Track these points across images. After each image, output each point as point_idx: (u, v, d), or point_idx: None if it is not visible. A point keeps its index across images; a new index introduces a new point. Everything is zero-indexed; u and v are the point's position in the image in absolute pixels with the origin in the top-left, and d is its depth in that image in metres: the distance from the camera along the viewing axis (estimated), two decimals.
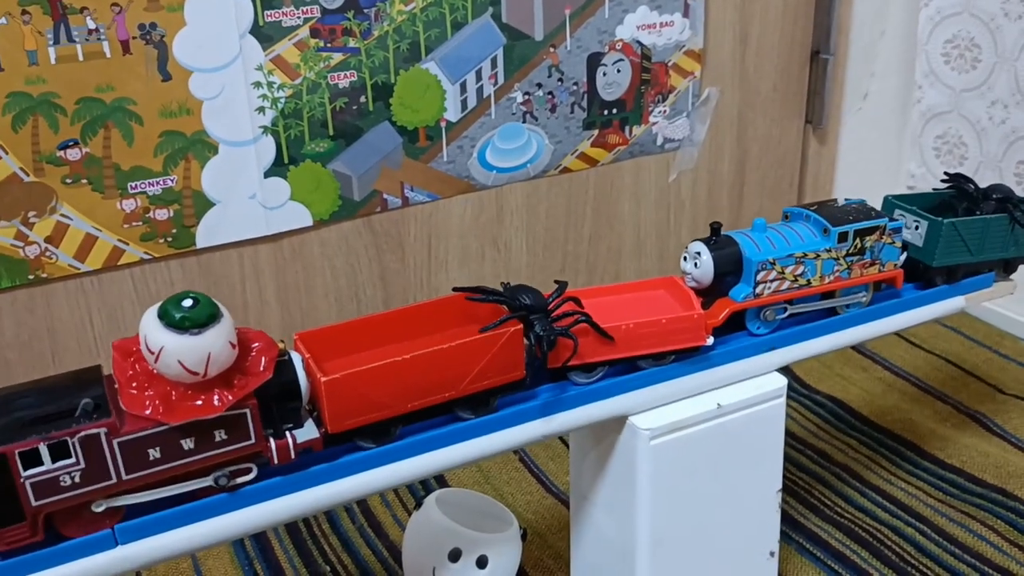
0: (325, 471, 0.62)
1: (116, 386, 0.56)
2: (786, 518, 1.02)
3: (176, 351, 0.53)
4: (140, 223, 0.97)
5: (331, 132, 1.03)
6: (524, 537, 0.89)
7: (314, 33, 0.99)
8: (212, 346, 0.54)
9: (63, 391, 0.55)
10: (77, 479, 0.54)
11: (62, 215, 0.94)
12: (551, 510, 1.05)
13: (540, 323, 0.66)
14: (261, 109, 0.99)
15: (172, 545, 0.59)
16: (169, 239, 0.99)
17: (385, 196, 1.09)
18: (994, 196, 0.88)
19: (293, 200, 1.04)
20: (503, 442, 0.68)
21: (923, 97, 1.38)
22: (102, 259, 0.97)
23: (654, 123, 1.24)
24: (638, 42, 1.18)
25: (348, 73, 1.02)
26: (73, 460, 0.53)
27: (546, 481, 1.10)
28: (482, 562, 0.83)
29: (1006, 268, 0.90)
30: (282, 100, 0.99)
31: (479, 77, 1.09)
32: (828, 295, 0.80)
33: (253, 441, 0.58)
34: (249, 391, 0.56)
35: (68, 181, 0.93)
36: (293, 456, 0.59)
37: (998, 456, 1.09)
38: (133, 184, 0.96)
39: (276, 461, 0.59)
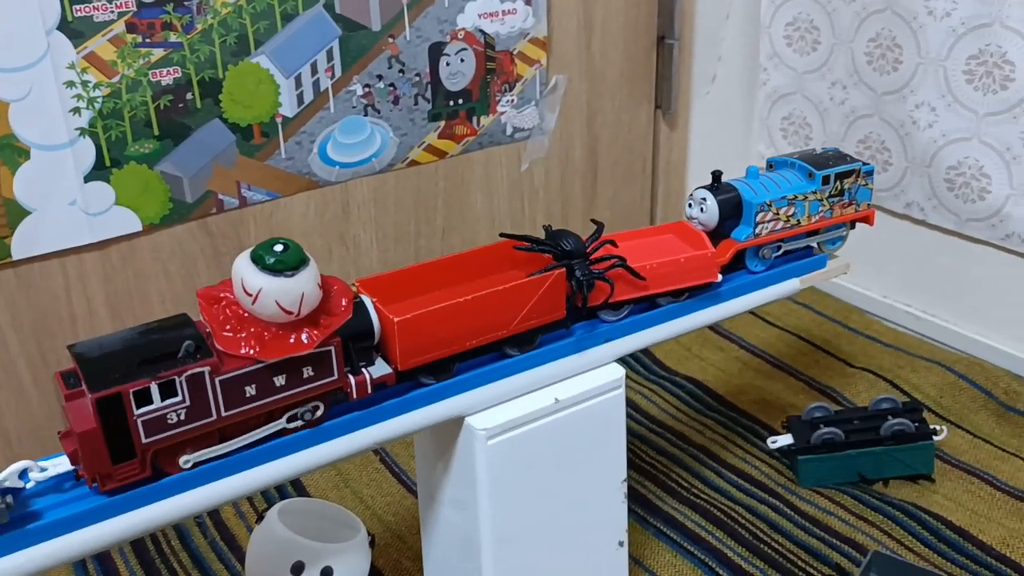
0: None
1: (208, 330, 0.60)
2: (644, 502, 1.02)
3: (273, 292, 0.58)
4: None
5: (156, 132, 0.98)
6: (372, 544, 0.87)
7: (131, 28, 0.94)
8: (305, 286, 0.58)
9: (160, 336, 0.59)
10: (182, 416, 0.57)
11: None
12: (411, 510, 1.03)
13: (580, 268, 0.72)
14: (76, 110, 0.93)
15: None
16: None
17: (220, 196, 1.05)
18: None
19: (119, 205, 0.98)
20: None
21: (768, 79, 1.41)
22: None
23: (502, 112, 1.22)
24: (481, 31, 1.16)
25: (171, 69, 0.97)
26: (179, 398, 0.57)
27: (407, 481, 1.08)
28: (327, 573, 0.81)
29: None
30: (99, 100, 0.94)
31: (315, 70, 1.06)
32: (813, 233, 0.89)
33: (336, 377, 0.63)
34: (333, 329, 0.61)
35: None
36: (370, 391, 0.64)
37: None
38: None
39: (355, 396, 0.64)
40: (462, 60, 1.16)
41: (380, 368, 0.65)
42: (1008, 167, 1.15)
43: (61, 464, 0.59)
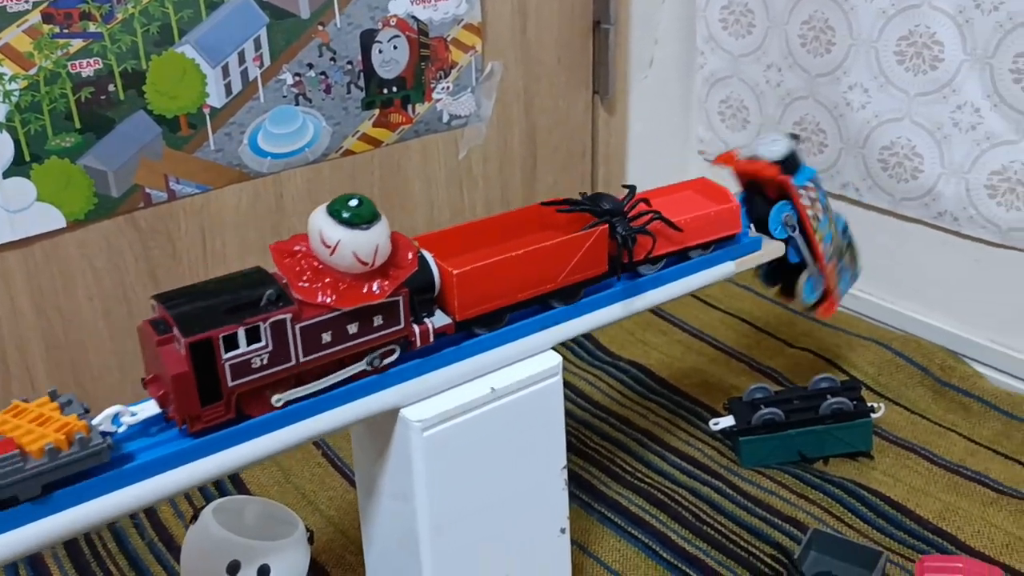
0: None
1: (284, 282, 0.63)
2: (588, 488, 1.02)
3: (351, 244, 0.61)
4: None
5: (78, 125, 0.95)
6: (311, 540, 0.85)
7: (47, 18, 0.91)
8: (379, 239, 0.62)
9: (241, 286, 0.62)
10: (265, 361, 0.61)
11: None
12: (354, 504, 1.02)
13: (621, 225, 0.75)
14: None
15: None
16: None
17: (148, 190, 1.02)
18: None
19: (40, 201, 0.95)
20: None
21: (705, 63, 1.41)
22: None
23: (438, 100, 1.21)
24: (413, 17, 1.14)
25: (92, 60, 0.94)
26: (263, 343, 0.61)
27: (350, 475, 1.06)
28: (264, 571, 0.79)
29: None
30: (16, 93, 0.91)
31: (242, 59, 1.03)
32: (811, 253, 0.93)
33: (403, 326, 0.67)
34: (402, 280, 0.65)
35: None
36: (432, 339, 0.68)
37: None
38: None
39: (419, 344, 0.68)
40: (395, 47, 1.14)
41: (442, 318, 0.69)
42: (939, 146, 1.17)
43: (148, 409, 0.62)
